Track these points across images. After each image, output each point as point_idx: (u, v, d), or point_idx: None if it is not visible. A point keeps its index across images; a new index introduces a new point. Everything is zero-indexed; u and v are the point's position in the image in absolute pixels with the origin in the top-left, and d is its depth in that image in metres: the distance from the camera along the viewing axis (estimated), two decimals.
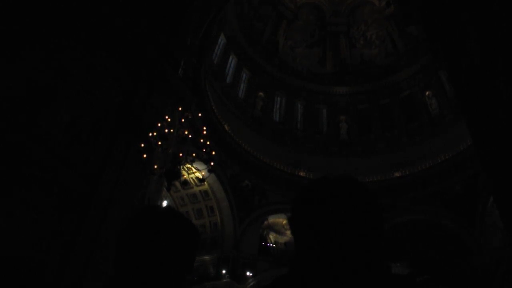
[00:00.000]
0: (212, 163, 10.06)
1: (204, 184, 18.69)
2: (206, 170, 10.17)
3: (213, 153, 10.21)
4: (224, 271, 20.89)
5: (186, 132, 9.85)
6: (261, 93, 27.88)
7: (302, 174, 24.80)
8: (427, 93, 26.69)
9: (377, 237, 1.25)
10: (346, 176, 1.35)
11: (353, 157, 26.61)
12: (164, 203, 20.07)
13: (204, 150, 9.81)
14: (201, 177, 10.38)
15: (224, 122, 22.47)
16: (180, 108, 10.78)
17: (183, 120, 10.14)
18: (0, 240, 8.19)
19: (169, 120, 10.08)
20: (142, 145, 9.74)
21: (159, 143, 9.48)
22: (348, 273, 1.18)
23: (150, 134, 9.67)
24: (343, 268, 1.19)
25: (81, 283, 9.24)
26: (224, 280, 20.66)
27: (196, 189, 21.74)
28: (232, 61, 26.40)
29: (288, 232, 25.90)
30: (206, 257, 21.83)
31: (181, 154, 9.39)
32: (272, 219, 25.07)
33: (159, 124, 10.05)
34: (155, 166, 9.87)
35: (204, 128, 12.02)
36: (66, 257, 9.29)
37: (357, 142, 27.67)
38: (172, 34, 14.42)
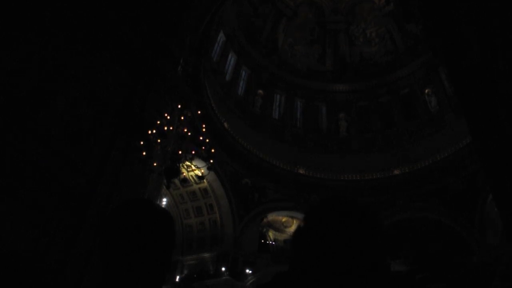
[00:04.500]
0: (211, 161, 10.04)
1: (204, 182, 18.66)
2: (205, 168, 10.14)
3: (213, 150, 10.19)
4: (223, 269, 20.91)
5: (185, 130, 9.83)
6: (260, 91, 27.86)
7: (301, 171, 24.82)
8: (426, 90, 26.68)
9: (376, 237, 1.26)
10: (344, 199, 1.37)
11: (353, 154, 26.63)
12: (164, 201, 20.09)
13: (203, 148, 9.79)
14: (200, 174, 10.34)
15: (224, 120, 22.45)
16: (179, 106, 10.76)
17: (182, 117, 10.12)
18: (0, 239, 8.20)
19: (168, 117, 10.06)
20: (142, 143, 9.73)
21: (159, 140, 9.47)
22: (348, 270, 1.18)
23: (150, 132, 9.66)
24: (343, 265, 1.19)
25: (81, 282, 9.25)
26: (224, 278, 20.68)
27: (196, 186, 21.75)
28: (231, 58, 26.36)
29: (287, 229, 25.96)
30: (206, 255, 21.89)
31: (180, 152, 9.38)
32: (271, 216, 25.10)
33: (158, 122, 10.03)
34: (155, 164, 9.86)
35: (204, 125, 12.02)
36: (66, 256, 9.29)
37: (356, 140, 27.67)
38: (171, 32, 14.39)
